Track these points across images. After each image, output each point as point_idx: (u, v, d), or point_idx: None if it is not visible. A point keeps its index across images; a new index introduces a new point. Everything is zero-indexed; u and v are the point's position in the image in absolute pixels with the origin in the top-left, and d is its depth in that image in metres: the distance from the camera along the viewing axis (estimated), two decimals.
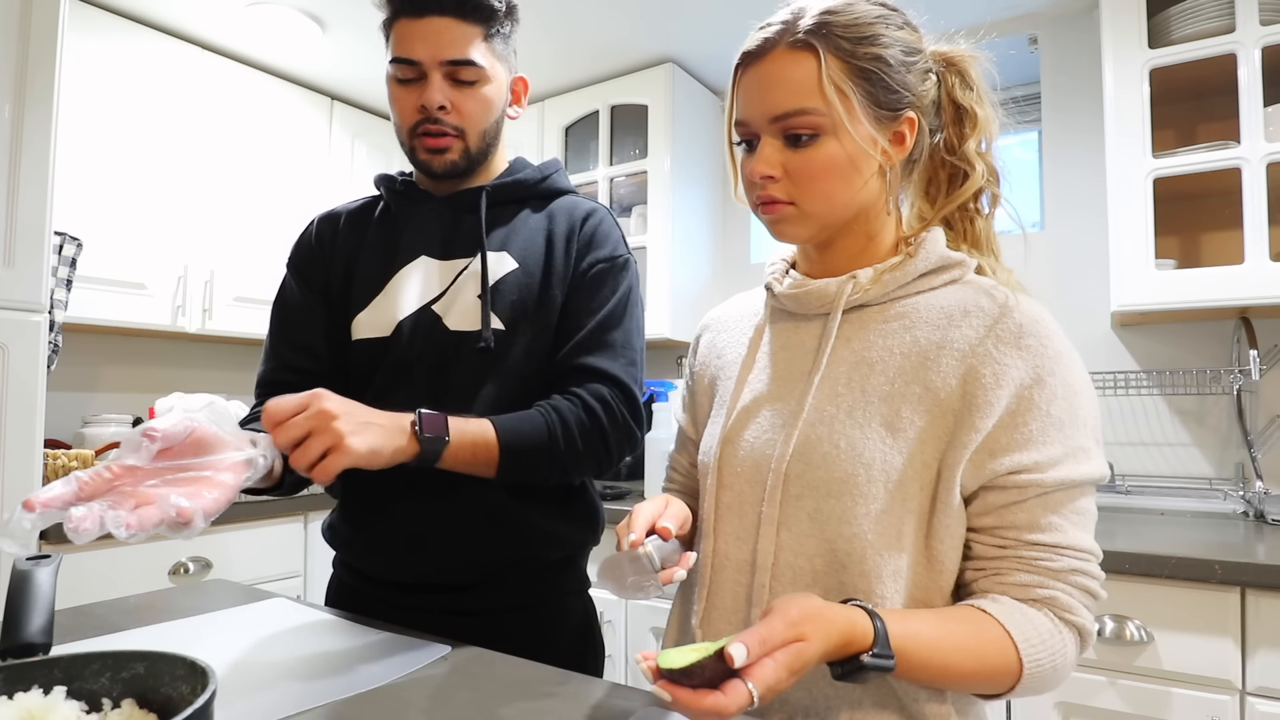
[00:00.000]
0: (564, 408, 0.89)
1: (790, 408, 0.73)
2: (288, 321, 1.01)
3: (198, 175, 2.20)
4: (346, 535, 0.99)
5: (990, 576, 0.65)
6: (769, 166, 0.69)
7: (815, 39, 0.67)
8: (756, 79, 0.69)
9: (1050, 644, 0.61)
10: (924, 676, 0.60)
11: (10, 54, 1.46)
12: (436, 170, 0.96)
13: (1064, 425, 0.64)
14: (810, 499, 0.69)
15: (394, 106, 0.95)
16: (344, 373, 0.99)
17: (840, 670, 0.56)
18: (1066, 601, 0.63)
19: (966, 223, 0.77)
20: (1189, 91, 1.78)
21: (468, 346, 0.93)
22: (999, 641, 0.60)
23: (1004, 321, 0.66)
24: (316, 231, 1.05)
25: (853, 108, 0.67)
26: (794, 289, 0.77)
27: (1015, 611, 0.62)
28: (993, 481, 0.64)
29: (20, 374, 1.48)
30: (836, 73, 0.67)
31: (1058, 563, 0.63)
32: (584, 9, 2.12)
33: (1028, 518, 0.64)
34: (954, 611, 0.63)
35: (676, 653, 0.52)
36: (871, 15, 0.69)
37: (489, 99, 0.95)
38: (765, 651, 0.51)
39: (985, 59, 0.76)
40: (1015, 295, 0.69)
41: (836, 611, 0.56)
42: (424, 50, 0.90)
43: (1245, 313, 1.76)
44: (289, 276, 1.04)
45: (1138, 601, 1.33)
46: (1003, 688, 0.62)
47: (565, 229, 0.98)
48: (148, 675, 0.53)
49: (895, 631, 0.57)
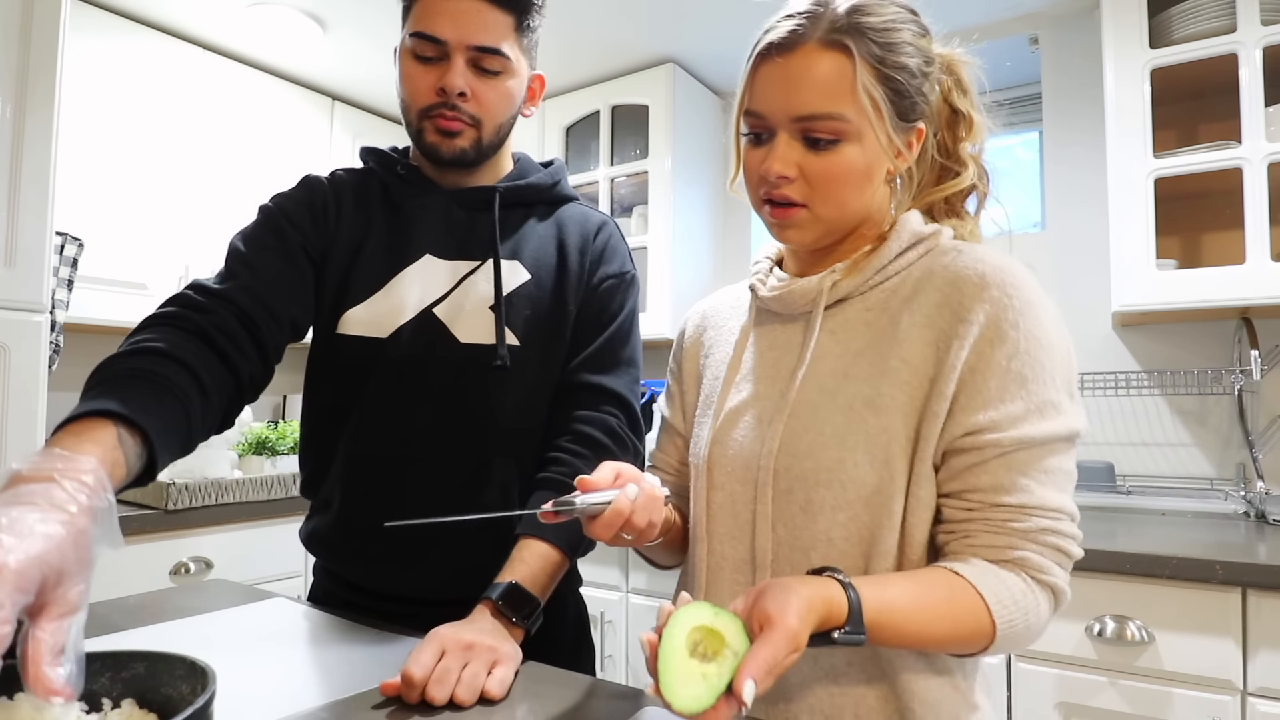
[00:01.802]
0: (581, 470, 0.86)
1: (775, 404, 0.73)
2: (264, 278, 0.86)
3: (199, 176, 2.20)
4: (339, 545, 0.95)
5: (961, 539, 0.64)
6: (785, 166, 0.67)
7: (849, 39, 0.64)
8: (782, 73, 0.66)
9: (1023, 604, 0.61)
10: (898, 642, 0.60)
11: (11, 54, 1.46)
12: (444, 155, 0.90)
13: (1026, 381, 0.62)
14: (801, 491, 0.68)
15: (406, 84, 0.89)
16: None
17: (812, 643, 0.56)
18: (1038, 562, 0.62)
19: (953, 219, 0.77)
20: (1190, 91, 1.78)
21: (481, 362, 0.90)
22: (971, 604, 0.60)
23: (965, 274, 0.65)
24: (333, 195, 0.95)
25: (881, 116, 0.66)
26: (777, 290, 0.76)
27: (988, 573, 0.61)
28: (952, 444, 0.63)
29: (21, 374, 1.49)
30: (869, 79, 0.65)
31: (1026, 523, 0.62)
32: (585, 9, 2.12)
33: (991, 479, 0.62)
34: (927, 574, 0.63)
35: (683, 682, 0.51)
36: (900, 19, 0.67)
37: (510, 93, 0.91)
38: (771, 677, 0.50)
39: (976, 64, 0.75)
40: (978, 248, 0.68)
41: (819, 597, 0.55)
42: (451, 30, 0.85)
43: (1246, 313, 1.76)
44: (282, 227, 0.90)
45: (1139, 602, 1.33)
46: (977, 648, 0.62)
47: (578, 241, 0.96)
48: (148, 675, 0.53)
49: (870, 605, 0.57)
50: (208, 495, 1.86)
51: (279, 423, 2.25)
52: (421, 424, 0.90)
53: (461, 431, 0.90)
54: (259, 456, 2.04)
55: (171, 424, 0.66)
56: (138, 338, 0.74)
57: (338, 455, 0.93)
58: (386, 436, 0.90)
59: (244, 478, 1.95)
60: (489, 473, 0.91)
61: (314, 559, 1.01)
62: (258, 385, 0.83)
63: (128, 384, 0.66)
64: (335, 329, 0.92)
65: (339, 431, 0.93)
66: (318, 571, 1.02)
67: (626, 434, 0.93)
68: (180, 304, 0.80)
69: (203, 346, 0.76)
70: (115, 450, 0.58)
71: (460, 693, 0.65)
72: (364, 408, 0.91)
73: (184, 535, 1.81)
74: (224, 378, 0.77)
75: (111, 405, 0.60)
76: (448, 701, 0.64)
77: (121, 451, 0.59)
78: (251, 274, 0.85)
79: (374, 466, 0.91)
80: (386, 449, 0.90)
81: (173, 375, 0.69)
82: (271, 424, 2.19)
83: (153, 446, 0.62)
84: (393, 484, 0.90)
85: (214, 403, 0.75)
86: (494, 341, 0.90)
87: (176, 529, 1.80)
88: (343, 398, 0.93)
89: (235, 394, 0.79)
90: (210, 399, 0.74)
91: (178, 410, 0.68)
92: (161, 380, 0.68)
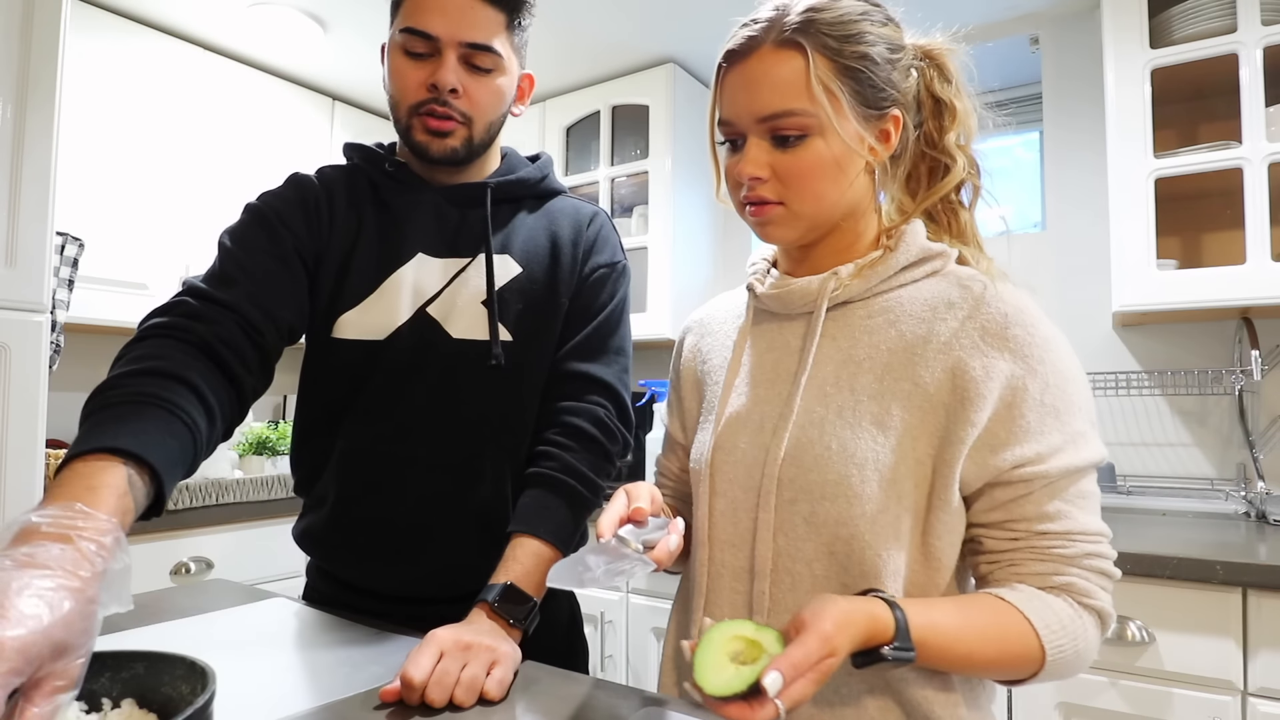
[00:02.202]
0: (570, 463, 0.88)
1: (779, 410, 0.72)
2: (261, 283, 0.84)
3: (199, 175, 2.20)
4: (333, 542, 0.94)
5: (1006, 568, 0.65)
6: (757, 167, 0.69)
7: (802, 37, 0.66)
8: (742, 78, 0.69)
9: (1071, 629, 0.62)
10: (944, 664, 0.61)
11: (12, 54, 1.46)
12: (434, 154, 0.89)
13: (1060, 413, 0.64)
14: (805, 503, 0.68)
15: (395, 80, 0.88)
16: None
17: (861, 661, 0.57)
18: (1084, 586, 0.63)
19: (950, 215, 0.77)
20: (1190, 91, 1.78)
21: (474, 359, 0.90)
22: (1019, 628, 0.61)
23: (987, 312, 0.66)
24: (325, 195, 0.94)
25: (841, 107, 0.66)
26: (776, 289, 0.76)
27: (1035, 598, 0.62)
28: (998, 477, 0.64)
29: (22, 374, 1.49)
30: (824, 72, 0.66)
31: (1071, 549, 0.63)
32: (585, 9, 2.12)
33: (1036, 509, 0.64)
34: (974, 599, 0.64)
35: (716, 670, 0.52)
36: (856, 12, 0.68)
37: (501, 91, 0.90)
38: (798, 675, 0.51)
39: (963, 52, 0.75)
40: (996, 284, 0.68)
41: (861, 611, 0.56)
42: (443, 26, 0.84)
43: (1247, 313, 1.75)
44: (274, 228, 0.89)
45: (1139, 602, 1.33)
46: (1025, 674, 0.63)
47: (570, 233, 0.96)
48: (148, 675, 0.53)
49: (916, 622, 0.58)
50: (208, 495, 1.86)
51: (279, 423, 2.25)
52: (416, 420, 0.90)
53: (455, 426, 0.91)
54: (259, 456, 2.04)
55: (180, 456, 0.65)
56: (140, 351, 0.72)
57: (333, 454, 0.93)
58: (381, 433, 0.91)
59: (244, 478, 1.95)
60: (482, 466, 0.91)
61: (308, 559, 1.01)
62: (258, 395, 0.83)
63: (137, 413, 0.64)
64: (330, 332, 0.91)
65: (334, 430, 0.93)
66: (311, 571, 1.02)
67: (614, 424, 0.93)
68: (181, 313, 0.78)
69: (208, 363, 0.74)
70: (126, 497, 0.57)
71: (459, 694, 0.65)
72: (359, 407, 0.91)
73: (184, 535, 1.81)
74: (228, 395, 0.76)
75: (122, 443, 0.59)
76: (447, 703, 0.64)
77: (132, 497, 0.58)
78: (250, 279, 0.84)
79: (369, 462, 0.91)
80: (381, 445, 0.91)
81: (180, 401, 0.67)
82: (271, 424, 2.20)
83: (161, 484, 0.61)
84: (387, 479, 0.91)
85: (218, 425, 0.74)
86: (487, 337, 0.90)
87: (176, 529, 1.80)
88: (338, 398, 0.93)
89: (238, 409, 0.79)
90: (215, 423, 0.73)
91: (186, 440, 0.67)
92: (168, 406, 0.66)
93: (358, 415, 0.91)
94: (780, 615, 0.69)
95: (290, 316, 0.87)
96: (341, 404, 0.92)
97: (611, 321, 0.96)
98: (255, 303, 0.82)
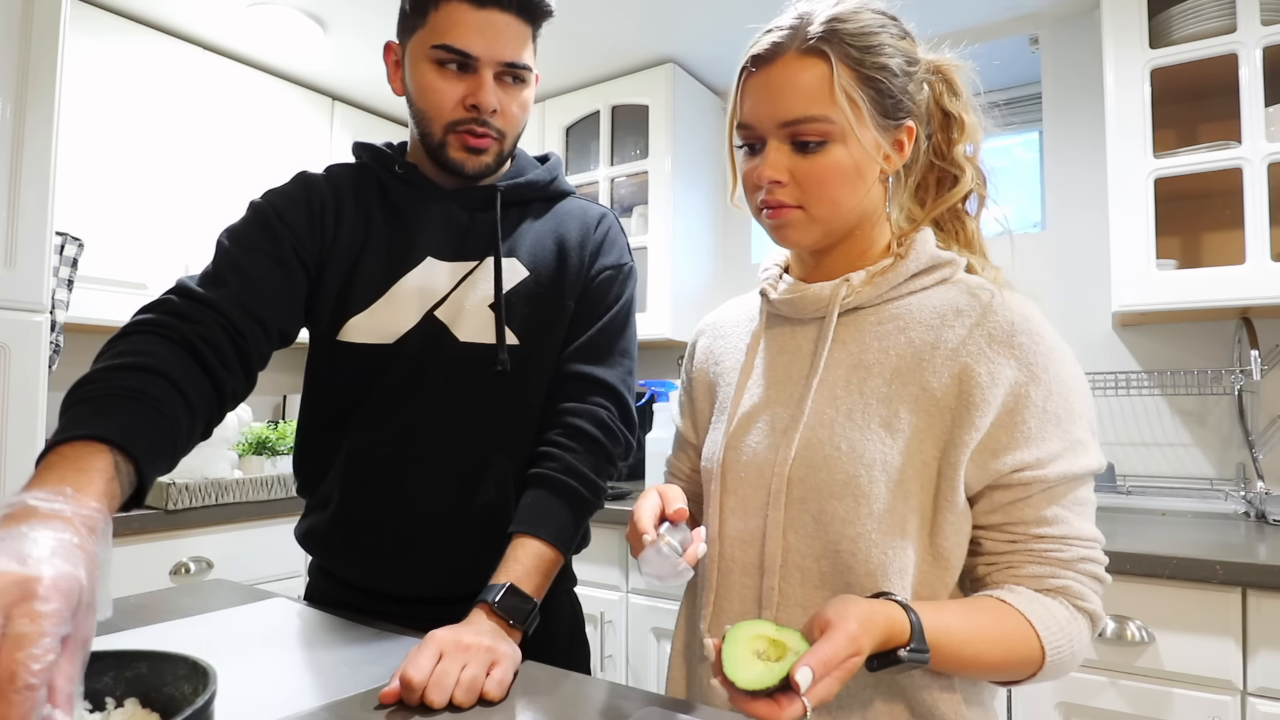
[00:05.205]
0: (572, 464, 0.88)
1: (790, 412, 0.74)
2: (253, 284, 0.83)
3: (199, 175, 2.20)
4: (336, 543, 0.94)
5: (1004, 570, 0.67)
6: (777, 171, 0.70)
7: (826, 45, 0.67)
8: (766, 83, 0.69)
9: (1068, 631, 0.64)
10: (953, 667, 0.62)
11: (11, 54, 1.46)
12: (469, 171, 0.89)
13: (1061, 420, 0.65)
14: (814, 501, 0.69)
15: (429, 96, 0.86)
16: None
17: (877, 663, 0.58)
18: (1079, 589, 0.65)
19: (957, 224, 0.79)
20: (1190, 91, 1.78)
21: (481, 363, 0.90)
22: (1021, 630, 0.62)
23: (994, 320, 0.68)
24: (333, 196, 0.93)
25: (861, 115, 0.68)
26: (789, 294, 0.78)
27: (1034, 601, 0.64)
28: (998, 480, 0.66)
29: (22, 374, 1.49)
30: (847, 80, 0.67)
31: (1067, 553, 0.65)
32: (585, 9, 2.12)
33: (1034, 512, 0.66)
34: (978, 602, 0.65)
35: (745, 666, 0.54)
36: (876, 24, 0.70)
37: (528, 102, 0.91)
38: (827, 673, 0.52)
39: (970, 67, 0.77)
40: (1003, 293, 0.70)
41: (880, 613, 0.57)
42: (482, 46, 0.83)
43: (1246, 313, 1.76)
44: (274, 227, 0.88)
45: (1139, 602, 1.33)
46: (1025, 675, 0.65)
47: (578, 236, 0.96)
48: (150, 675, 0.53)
49: (929, 625, 0.59)
50: (208, 495, 1.86)
51: (279, 423, 2.25)
52: (421, 422, 0.91)
53: (460, 429, 0.91)
54: (259, 456, 2.04)
55: (162, 449, 0.66)
56: (123, 346, 0.72)
57: (338, 455, 0.93)
58: (388, 435, 0.91)
59: (244, 478, 1.95)
60: (486, 468, 0.91)
61: (310, 558, 1.01)
62: (238, 399, 0.82)
63: (120, 405, 0.65)
64: (337, 336, 0.91)
65: (340, 432, 0.93)
66: (313, 571, 1.02)
67: (617, 426, 0.93)
68: (166, 311, 0.78)
69: (189, 361, 0.75)
70: (113, 482, 0.58)
71: (459, 695, 0.65)
72: (366, 410, 0.92)
73: (184, 535, 1.81)
74: (208, 394, 0.76)
75: (108, 431, 0.60)
76: (446, 704, 0.64)
77: (118, 482, 0.58)
78: (241, 280, 0.83)
79: (374, 464, 0.91)
80: (387, 447, 0.91)
81: (162, 395, 0.68)
82: (271, 424, 2.20)
83: (143, 475, 0.62)
84: (392, 480, 0.91)
85: (198, 423, 0.74)
86: (493, 340, 0.90)
87: (176, 529, 1.80)
88: (345, 401, 0.93)
89: (216, 408, 0.78)
90: (196, 420, 0.73)
91: (167, 433, 0.67)
92: (150, 401, 0.67)
93: (364, 418, 0.92)
94: (789, 610, 0.71)
95: (280, 320, 0.86)
96: (348, 407, 0.92)
97: (616, 323, 0.96)
98: (242, 305, 0.81)
